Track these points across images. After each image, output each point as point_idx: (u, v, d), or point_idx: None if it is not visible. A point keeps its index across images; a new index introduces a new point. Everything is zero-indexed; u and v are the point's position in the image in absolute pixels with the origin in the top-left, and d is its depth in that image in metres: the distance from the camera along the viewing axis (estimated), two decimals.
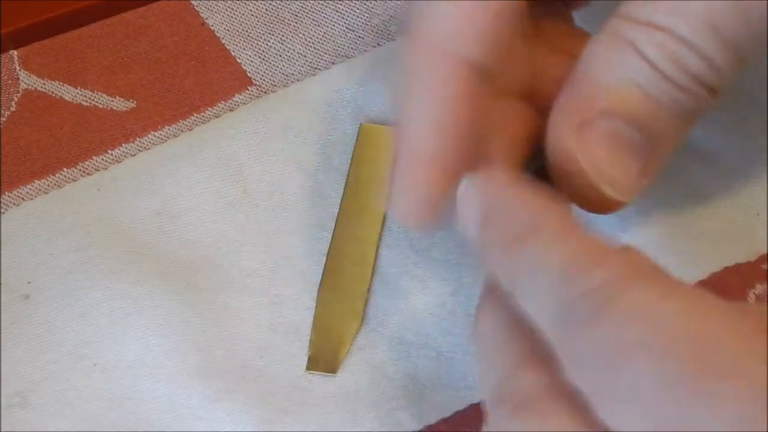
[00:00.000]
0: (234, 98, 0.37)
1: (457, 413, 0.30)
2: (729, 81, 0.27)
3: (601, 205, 0.28)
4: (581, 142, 0.27)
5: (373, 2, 0.39)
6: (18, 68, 0.37)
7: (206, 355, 0.31)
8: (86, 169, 0.35)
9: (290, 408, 0.30)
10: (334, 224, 0.34)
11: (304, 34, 0.38)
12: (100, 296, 0.32)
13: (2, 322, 0.32)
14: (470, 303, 0.32)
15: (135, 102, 0.37)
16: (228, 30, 0.38)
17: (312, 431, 0.30)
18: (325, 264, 0.33)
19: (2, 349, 0.31)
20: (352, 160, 0.35)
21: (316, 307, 0.32)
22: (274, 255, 0.33)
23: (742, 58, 0.27)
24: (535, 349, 0.23)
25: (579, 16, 0.32)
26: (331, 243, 0.33)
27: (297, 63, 0.38)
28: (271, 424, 0.30)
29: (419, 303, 0.32)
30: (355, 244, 0.33)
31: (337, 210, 0.34)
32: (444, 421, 0.30)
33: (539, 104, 0.29)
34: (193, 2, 0.39)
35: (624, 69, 0.27)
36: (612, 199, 0.28)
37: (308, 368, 0.31)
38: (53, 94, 0.37)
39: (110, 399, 0.30)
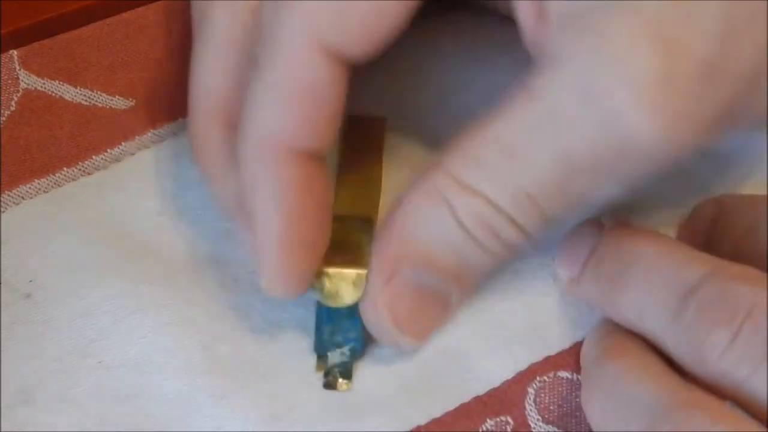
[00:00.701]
0: None
1: (463, 405, 0.30)
2: (537, 239, 0.29)
3: (396, 345, 0.30)
4: (387, 297, 0.29)
5: None
6: (18, 68, 0.37)
7: (212, 353, 0.31)
8: (86, 168, 0.35)
9: (297, 404, 0.30)
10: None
11: None
12: (102, 295, 0.32)
13: (4, 320, 0.32)
14: (475, 295, 0.32)
15: (134, 101, 0.37)
16: None
17: (319, 428, 0.30)
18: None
19: (5, 347, 0.31)
20: (340, 152, 0.35)
21: None
22: None
23: (555, 223, 0.28)
24: None
25: None
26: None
27: None
28: (278, 420, 0.30)
29: None
30: (354, 238, 0.33)
31: None
32: (449, 413, 0.30)
33: None
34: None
35: (437, 226, 0.28)
36: (407, 345, 0.30)
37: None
38: (53, 94, 0.37)
39: (116, 397, 0.30)
